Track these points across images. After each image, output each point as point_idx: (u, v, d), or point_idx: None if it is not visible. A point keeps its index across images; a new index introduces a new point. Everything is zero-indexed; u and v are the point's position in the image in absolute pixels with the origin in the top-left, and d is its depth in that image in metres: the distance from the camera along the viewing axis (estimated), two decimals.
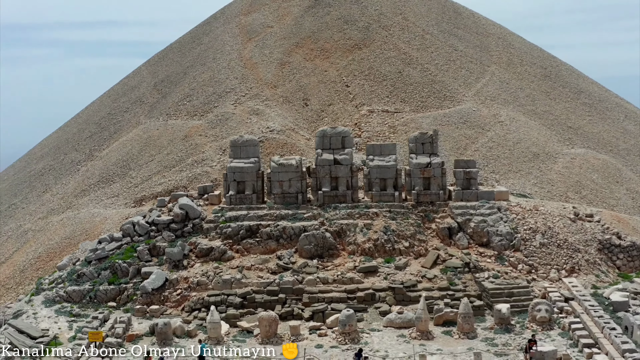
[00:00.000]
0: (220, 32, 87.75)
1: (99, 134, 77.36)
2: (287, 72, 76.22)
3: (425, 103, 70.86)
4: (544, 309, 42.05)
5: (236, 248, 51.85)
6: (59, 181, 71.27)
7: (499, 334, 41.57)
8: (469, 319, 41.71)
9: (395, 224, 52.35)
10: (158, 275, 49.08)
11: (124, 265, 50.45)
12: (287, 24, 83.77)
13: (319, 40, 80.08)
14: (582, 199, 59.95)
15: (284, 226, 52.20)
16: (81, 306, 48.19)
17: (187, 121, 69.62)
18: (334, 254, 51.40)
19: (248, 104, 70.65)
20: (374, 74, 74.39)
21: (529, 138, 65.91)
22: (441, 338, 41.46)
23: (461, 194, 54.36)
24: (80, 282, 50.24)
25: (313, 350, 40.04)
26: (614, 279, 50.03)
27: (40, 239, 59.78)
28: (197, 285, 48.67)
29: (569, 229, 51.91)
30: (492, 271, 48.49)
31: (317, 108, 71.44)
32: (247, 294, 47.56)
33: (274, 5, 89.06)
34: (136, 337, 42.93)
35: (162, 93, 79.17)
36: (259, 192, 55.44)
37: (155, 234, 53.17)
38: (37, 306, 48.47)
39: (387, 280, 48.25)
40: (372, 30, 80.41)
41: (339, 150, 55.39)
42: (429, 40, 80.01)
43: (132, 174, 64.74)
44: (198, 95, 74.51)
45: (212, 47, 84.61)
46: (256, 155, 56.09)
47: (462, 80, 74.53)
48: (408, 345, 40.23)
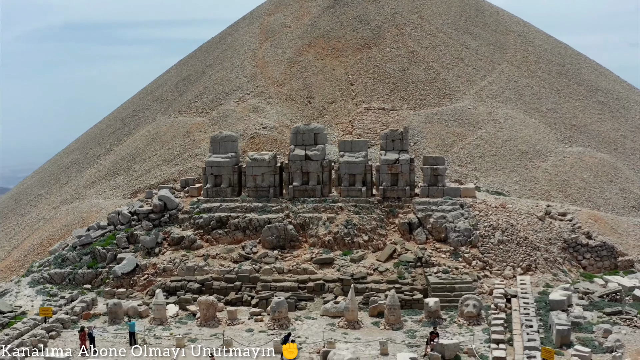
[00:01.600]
0: (243, 32, 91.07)
1: (121, 130, 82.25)
2: (295, 70, 78.55)
3: (423, 101, 71.53)
4: (472, 304, 42.59)
5: (206, 238, 54.65)
6: (79, 174, 76.46)
7: (425, 326, 42.44)
8: (395, 310, 42.78)
9: (358, 218, 53.75)
10: (129, 260, 52.56)
11: (102, 251, 54.25)
12: (304, 24, 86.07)
13: (332, 39, 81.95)
14: (565, 198, 59.28)
15: (250, 218, 54.64)
16: (60, 287, 52.20)
17: (192, 118, 73.24)
18: (296, 245, 53.35)
19: (250, 102, 73.52)
20: (378, 73, 75.64)
21: (520, 136, 65.51)
22: (367, 328, 42.74)
23: (427, 190, 55.17)
24: (63, 265, 54.39)
25: (242, 333, 42.29)
26: (575, 279, 49.69)
27: (47, 227, 64.77)
28: (163, 271, 51.81)
29: (533, 227, 51.85)
30: (443, 266, 49.18)
31: (319, 105, 73.44)
32: (205, 280, 50.28)
33: (296, 5, 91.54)
34: (92, 316, 46.47)
35: (180, 91, 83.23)
36: (234, 185, 58.09)
37: (136, 223, 56.74)
38: (22, 286, 52.94)
39: (339, 272, 49.84)
40: (384, 29, 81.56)
41: (311, 146, 57.30)
42: (441, 38, 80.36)
43: (136, 167, 68.91)
44: (209, 93, 78.03)
45: (232, 46, 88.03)
46: (234, 150, 58.77)
47: (466, 78, 74.61)
48: (331, 333, 41.74)
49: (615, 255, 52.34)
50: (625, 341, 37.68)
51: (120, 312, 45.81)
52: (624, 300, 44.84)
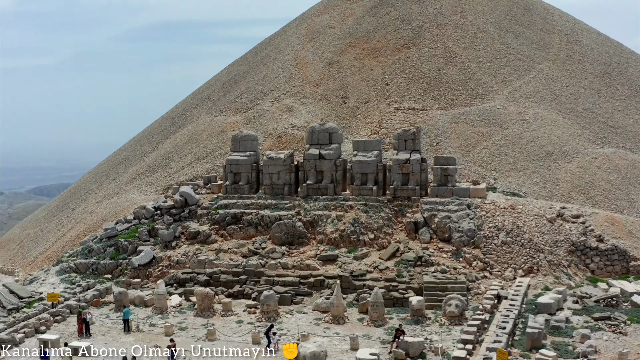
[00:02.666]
0: (292, 33, 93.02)
1: (169, 129, 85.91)
2: (333, 71, 79.72)
3: (455, 101, 71.19)
4: (455, 304, 42.72)
5: (221, 233, 56.86)
6: (126, 170, 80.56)
7: (408, 324, 42.93)
8: (378, 307, 43.46)
9: (366, 216, 54.53)
10: (146, 253, 55.44)
11: (125, 244, 57.39)
12: (347, 25, 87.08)
13: (372, 39, 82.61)
14: (587, 200, 57.83)
15: (262, 215, 56.41)
16: (84, 276, 55.67)
17: (229, 117, 75.73)
18: (304, 242, 54.71)
19: (285, 102, 75.29)
20: (414, 73, 75.76)
21: (547, 137, 64.17)
22: (352, 324, 43.59)
23: (437, 190, 55.30)
24: (89, 256, 57.90)
25: (232, 324, 44.10)
26: (579, 282, 48.75)
27: (87, 220, 68.83)
28: (177, 264, 54.40)
29: (540, 229, 51.14)
30: (442, 266, 49.33)
31: (353, 105, 74.33)
32: (214, 273, 52.44)
33: (343, 6, 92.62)
34: (101, 303, 49.52)
35: (225, 91, 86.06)
36: (253, 183, 60.04)
37: (159, 217, 59.65)
38: (50, 275, 56.84)
39: (341, 269, 50.83)
40: (424, 29, 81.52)
41: (326, 145, 58.49)
42: (481, 38, 79.56)
43: (172, 164, 72.03)
44: (249, 93, 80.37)
45: (278, 47, 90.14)
46: (253, 149, 60.71)
47: (501, 78, 73.62)
48: (314, 327, 42.96)
49: (627, 260, 50.88)
50: (604, 347, 37.05)
51: (125, 301, 48.56)
52: (620, 306, 43.78)
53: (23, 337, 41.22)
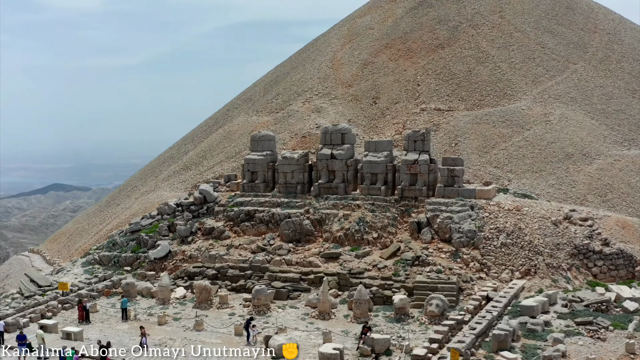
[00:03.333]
0: (334, 34, 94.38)
1: (211, 128, 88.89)
2: (367, 71, 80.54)
3: (482, 101, 70.72)
4: (435, 304, 43.11)
5: (235, 229, 58.92)
6: (167, 168, 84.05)
7: (390, 322, 43.70)
8: (361, 305, 44.37)
9: (372, 216, 55.34)
10: (163, 247, 58.13)
11: (145, 238, 60.30)
12: (386, 26, 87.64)
13: (408, 40, 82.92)
14: (603, 203, 56.54)
15: (273, 212, 58.11)
16: (106, 268, 58.93)
17: (262, 117, 77.85)
18: (311, 239, 56.05)
19: (315, 102, 76.73)
20: (444, 73, 75.69)
21: (570, 138, 62.91)
22: (336, 320, 44.69)
23: (443, 191, 55.49)
24: (112, 249, 61.16)
25: (223, 316, 46.00)
26: (578, 286, 48.12)
27: (121, 215, 72.51)
28: (189, 258, 56.80)
29: (543, 232, 50.68)
30: (438, 266, 49.66)
31: (383, 106, 75.00)
32: (222, 268, 54.55)
33: (386, 7, 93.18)
34: (112, 293, 52.46)
35: (265, 91, 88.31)
36: (269, 181, 61.81)
37: (179, 213, 62.31)
38: (76, 266, 60.42)
39: (341, 266, 51.92)
40: (460, 29, 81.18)
41: (338, 145, 59.62)
42: (517, 38, 78.55)
43: (205, 162, 74.78)
44: (285, 94, 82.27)
45: (319, 48, 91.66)
46: (270, 149, 62.49)
47: (532, 78, 72.51)
48: (299, 321, 44.32)
49: (633, 264, 49.84)
50: (575, 352, 36.75)
51: (133, 291, 51.33)
52: (610, 311, 43.04)
53: (28, 322, 44.34)
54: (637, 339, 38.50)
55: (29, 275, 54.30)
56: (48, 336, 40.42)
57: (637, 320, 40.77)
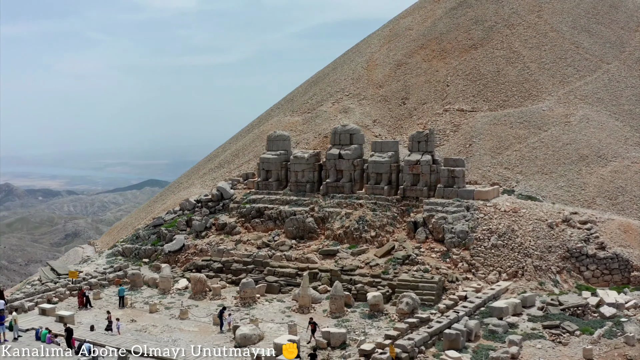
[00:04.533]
0: (375, 35, 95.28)
1: (251, 129, 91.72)
2: (399, 72, 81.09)
3: (506, 102, 70.02)
4: (405, 302, 43.86)
5: (246, 225, 61.29)
6: (207, 165, 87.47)
7: (363, 318, 44.82)
8: (336, 300, 45.65)
9: (372, 215, 56.37)
10: (177, 241, 61.19)
11: (164, 232, 63.59)
12: (425, 26, 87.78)
13: (443, 41, 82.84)
14: (612, 206, 55.13)
15: (280, 210, 60.06)
16: (127, 259, 62.58)
17: (293, 117, 79.92)
18: (313, 237, 57.64)
19: (344, 103, 78.05)
20: (473, 74, 75.34)
21: (587, 140, 61.42)
22: (313, 314, 46.03)
23: (442, 191, 55.80)
24: (135, 242, 64.84)
25: (211, 306, 48.28)
26: (565, 289, 47.60)
27: (155, 210, 76.34)
28: (200, 252, 59.63)
29: (536, 234, 50.33)
30: (426, 265, 50.23)
31: (411, 107, 75.50)
32: (227, 261, 57.02)
33: (428, 7, 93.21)
34: (122, 282, 55.81)
35: (304, 91, 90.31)
36: (282, 180, 63.78)
37: (198, 209, 65.29)
38: (102, 257, 64.46)
39: (336, 263, 53.28)
40: (495, 29, 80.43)
41: (346, 146, 60.88)
42: (551, 37, 77.05)
43: (236, 161, 77.55)
44: (320, 94, 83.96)
45: (360, 49, 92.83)
46: (285, 148, 64.44)
47: (560, 78, 71.05)
48: (279, 314, 46.09)
49: (629, 269, 48.66)
50: (530, 355, 36.91)
51: (139, 281, 54.57)
52: (586, 316, 42.53)
53: (33, 305, 48.17)
54: (600, 344, 38.15)
55: (50, 264, 58.55)
56: (46, 319, 44.19)
57: (608, 326, 40.18)
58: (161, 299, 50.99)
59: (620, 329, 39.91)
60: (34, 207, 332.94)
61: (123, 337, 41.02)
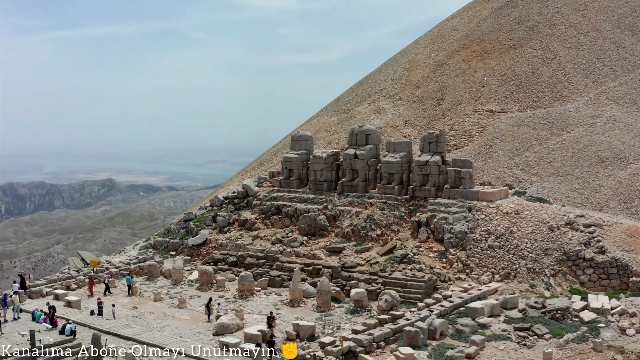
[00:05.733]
0: (424, 36, 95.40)
1: (301, 127, 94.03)
2: (438, 73, 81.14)
3: (537, 103, 68.93)
4: (385, 299, 44.82)
5: (265, 222, 63.62)
6: (255, 162, 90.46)
7: (346, 313, 46.19)
8: (322, 295, 47.21)
9: (380, 213, 57.43)
10: (201, 235, 64.29)
11: (192, 227, 66.89)
12: (469, 27, 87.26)
13: (485, 41, 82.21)
14: (626, 210, 53.57)
15: (296, 207, 62.00)
16: (157, 252, 66.23)
17: (331, 117, 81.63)
18: (324, 234, 59.26)
19: (379, 103, 79.00)
20: (509, 74, 74.51)
21: (609, 141, 59.69)
22: (302, 308, 47.93)
23: (449, 192, 56.11)
24: (166, 235, 68.51)
25: (214, 297, 50.91)
26: (558, 292, 47.15)
27: (200, 203, 79.92)
28: (220, 246, 62.45)
29: (534, 236, 50.06)
30: (421, 265, 50.92)
31: (445, 107, 75.60)
32: (241, 256, 59.57)
33: (477, 7, 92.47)
34: (142, 272, 59.33)
35: (350, 92, 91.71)
36: (303, 178, 65.68)
37: (225, 205, 68.18)
38: (135, 249, 68.52)
39: (339, 260, 54.72)
40: (536, 29, 79.10)
41: (362, 146, 62.11)
42: (591, 37, 75.04)
43: (274, 159, 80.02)
44: (360, 94, 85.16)
45: (406, 50, 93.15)
46: (307, 148, 66.31)
47: (595, 78, 69.17)
48: (270, 307, 48.06)
49: (628, 275, 47.52)
50: (489, 356, 37.40)
51: (155, 272, 58.00)
52: (565, 320, 42.21)
53: (51, 290, 52.30)
54: (566, 349, 38.03)
55: (80, 254, 63.00)
56: (58, 303, 48.12)
57: (581, 331, 39.82)
58: (170, 289, 54.05)
59: (595, 334, 39.53)
60: (135, 202, 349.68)
61: (114, 322, 44.21)
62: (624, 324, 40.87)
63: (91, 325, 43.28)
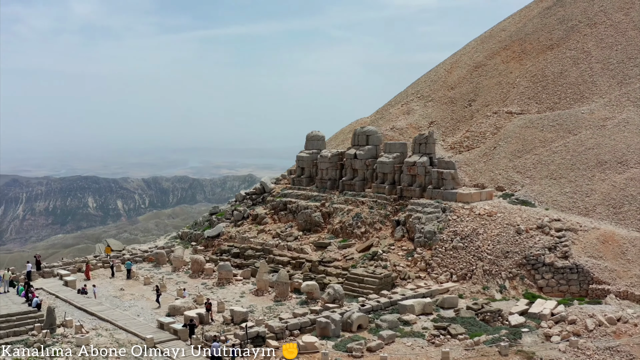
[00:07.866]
0: (480, 37, 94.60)
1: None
2: (475, 74, 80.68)
3: (557, 104, 67.29)
4: (327, 292, 46.76)
5: (273, 217, 67.02)
6: None
7: (297, 304, 48.71)
8: (279, 286, 49.98)
9: (368, 212, 59.15)
10: (217, 228, 68.76)
11: (214, 220, 71.55)
12: (517, 27, 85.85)
13: (526, 42, 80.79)
14: (613, 215, 51.71)
15: (298, 204, 64.85)
16: (182, 242, 71.44)
17: (366, 117, 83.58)
18: (318, 230, 61.78)
19: (411, 104, 79.85)
20: (538, 75, 73.10)
21: (613, 144, 57.33)
22: (265, 297, 50.90)
23: (431, 192, 56.85)
24: (193, 227, 73.65)
25: (196, 283, 54.98)
26: (511, 295, 47.13)
27: None
28: (230, 238, 66.59)
29: (498, 239, 50.11)
30: (387, 262, 52.38)
31: (474, 109, 75.49)
32: (243, 248, 63.37)
33: (531, 6, 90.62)
34: (154, 259, 64.54)
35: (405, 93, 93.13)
36: (314, 176, 68.35)
37: (246, 201, 72.20)
38: (164, 239, 74.18)
39: (320, 255, 57.15)
40: (575, 29, 76.79)
41: (362, 146, 63.93)
42: (629, 37, 71.79)
43: None
44: (402, 94, 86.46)
45: (461, 52, 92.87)
46: (319, 147, 68.91)
47: (621, 79, 66.31)
48: (235, 294, 51.45)
49: (588, 282, 46.50)
50: (391, 350, 38.54)
51: (162, 260, 63.04)
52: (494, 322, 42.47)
53: (65, 273, 58.46)
54: (472, 350, 38.60)
55: (107, 242, 69.37)
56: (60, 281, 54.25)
57: (499, 334, 40.04)
58: (167, 275, 58.75)
59: (513, 338, 39.56)
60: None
61: (90, 300, 49.36)
62: (551, 331, 40.52)
63: (69, 301, 48.69)
